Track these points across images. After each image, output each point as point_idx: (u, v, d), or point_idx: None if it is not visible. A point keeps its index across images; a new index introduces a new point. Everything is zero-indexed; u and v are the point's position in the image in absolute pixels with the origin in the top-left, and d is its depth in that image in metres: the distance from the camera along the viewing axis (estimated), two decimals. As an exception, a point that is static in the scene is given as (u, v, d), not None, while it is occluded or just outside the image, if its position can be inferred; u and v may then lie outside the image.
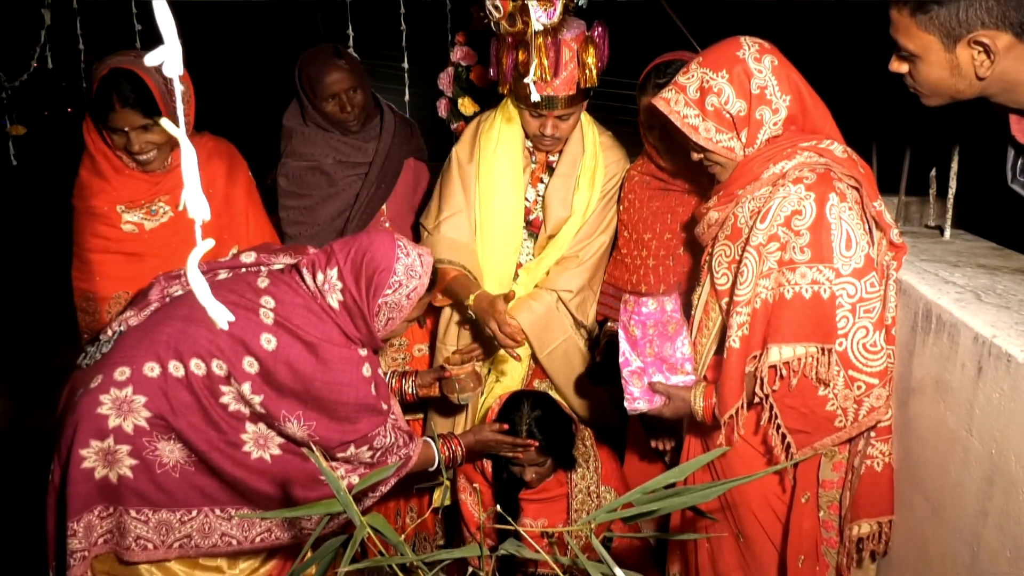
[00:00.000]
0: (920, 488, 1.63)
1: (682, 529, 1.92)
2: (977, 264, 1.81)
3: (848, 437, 1.64)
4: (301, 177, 2.51)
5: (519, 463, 2.19)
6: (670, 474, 1.01)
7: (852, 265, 1.52)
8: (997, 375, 1.32)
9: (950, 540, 1.49)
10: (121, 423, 1.68)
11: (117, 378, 1.70)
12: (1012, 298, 1.53)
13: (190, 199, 0.56)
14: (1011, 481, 1.29)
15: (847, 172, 1.58)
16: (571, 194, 2.32)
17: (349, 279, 1.78)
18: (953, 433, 1.47)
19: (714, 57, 1.64)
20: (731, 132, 1.64)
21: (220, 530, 1.80)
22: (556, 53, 2.09)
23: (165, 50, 0.53)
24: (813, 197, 1.53)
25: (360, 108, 2.47)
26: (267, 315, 1.75)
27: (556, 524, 2.28)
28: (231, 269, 1.89)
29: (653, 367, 1.77)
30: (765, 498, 1.76)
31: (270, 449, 1.79)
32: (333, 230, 2.54)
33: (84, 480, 1.69)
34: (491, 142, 2.31)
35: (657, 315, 1.81)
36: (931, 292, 1.60)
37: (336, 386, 1.77)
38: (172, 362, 1.70)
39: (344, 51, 2.48)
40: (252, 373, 1.72)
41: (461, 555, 1.02)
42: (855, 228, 1.53)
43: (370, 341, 1.85)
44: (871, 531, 1.73)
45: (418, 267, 1.82)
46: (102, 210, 2.16)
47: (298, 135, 2.51)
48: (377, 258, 1.78)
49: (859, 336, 1.53)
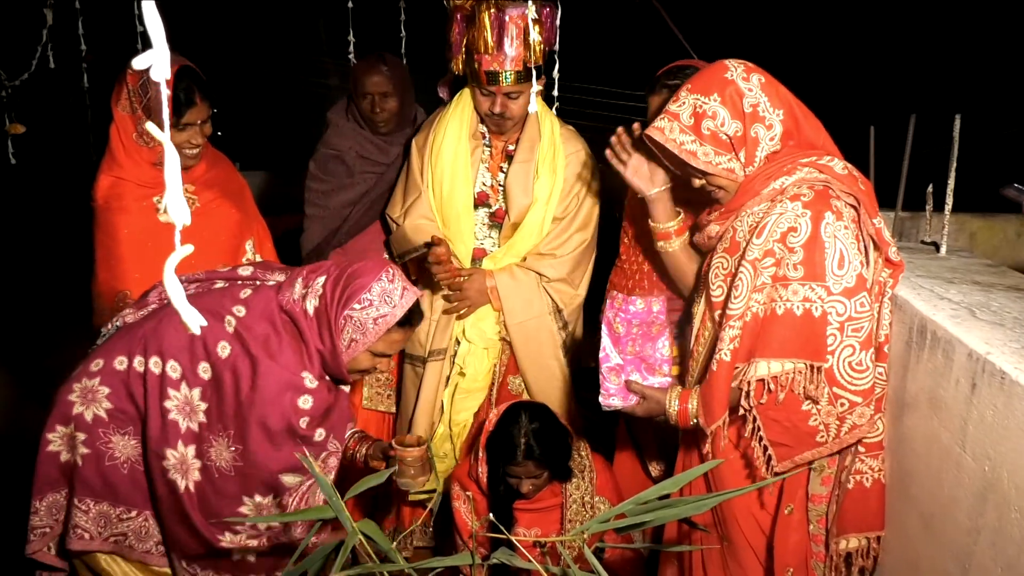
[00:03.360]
0: (913, 504, 1.63)
1: (676, 540, 1.92)
2: (972, 281, 1.81)
3: (829, 453, 1.64)
4: (325, 164, 2.73)
5: (516, 475, 2.18)
6: (664, 485, 1.01)
7: (843, 284, 1.52)
8: (991, 392, 1.32)
9: (942, 556, 1.49)
10: (83, 411, 1.74)
11: (91, 369, 1.76)
12: (1007, 315, 1.54)
13: (171, 204, 0.56)
14: (1004, 498, 1.29)
15: (847, 189, 1.59)
16: (531, 181, 2.38)
17: (329, 286, 1.77)
18: (946, 449, 1.48)
19: (703, 82, 1.65)
20: (730, 153, 1.64)
21: (156, 538, 1.82)
22: (501, 27, 2.19)
23: (153, 54, 0.53)
24: (809, 215, 1.54)
25: (390, 113, 2.64)
26: (230, 323, 1.75)
27: (550, 534, 2.28)
28: (228, 280, 1.90)
29: (632, 365, 1.78)
30: (749, 510, 1.76)
31: (186, 479, 1.75)
32: (340, 217, 2.71)
33: (49, 461, 1.76)
34: (443, 126, 2.42)
35: (643, 315, 1.82)
36: (926, 308, 1.60)
37: (263, 406, 1.73)
38: (137, 357, 1.75)
39: (391, 59, 2.67)
40: (204, 379, 1.74)
41: (453, 563, 1.02)
42: (849, 247, 1.54)
43: (334, 362, 1.79)
44: (859, 546, 1.74)
45: (395, 296, 1.77)
46: (139, 204, 2.11)
47: (333, 126, 2.74)
48: (359, 273, 1.78)
49: (845, 354, 1.54)
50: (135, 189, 2.10)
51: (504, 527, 2.16)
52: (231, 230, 2.28)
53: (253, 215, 2.41)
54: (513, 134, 2.41)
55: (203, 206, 2.22)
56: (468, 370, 2.48)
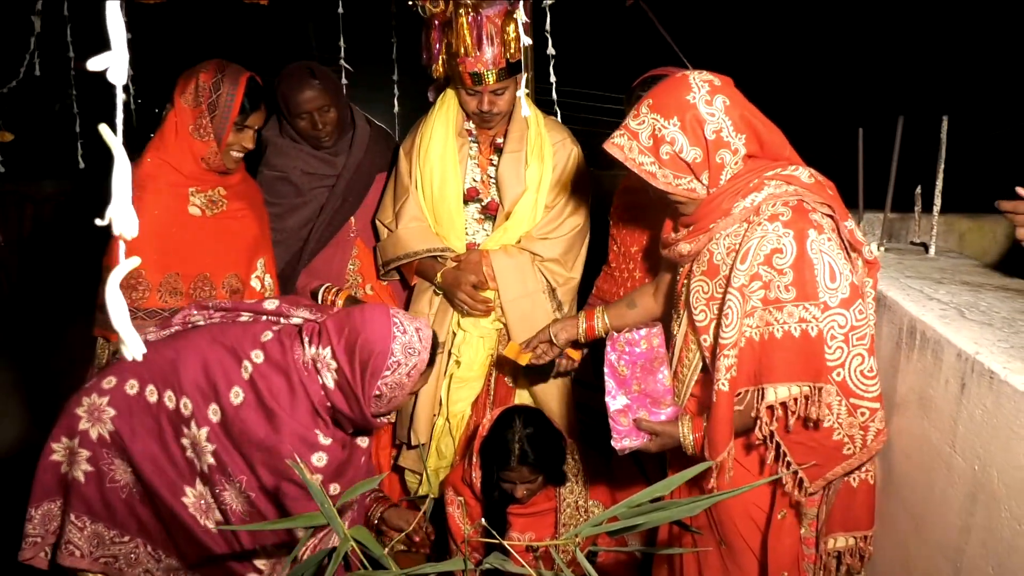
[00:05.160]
0: (903, 504, 1.63)
1: (669, 542, 1.92)
2: (961, 281, 1.82)
3: (859, 464, 1.63)
4: (272, 186, 2.59)
5: (511, 480, 2.18)
6: (655, 488, 1.01)
7: (839, 296, 1.52)
8: (980, 391, 1.33)
9: (933, 556, 1.50)
10: (88, 428, 1.72)
11: (103, 386, 1.74)
12: (995, 315, 1.55)
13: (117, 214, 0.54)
14: (993, 497, 1.29)
15: (818, 199, 1.57)
16: (523, 169, 2.42)
17: (343, 360, 1.70)
18: (936, 449, 1.48)
19: (663, 101, 1.59)
20: (689, 176, 1.61)
21: (145, 565, 1.80)
22: (479, 29, 2.22)
23: (111, 56, 0.52)
24: (792, 234, 1.53)
25: (332, 126, 2.53)
26: (247, 369, 1.73)
27: (544, 538, 2.28)
28: (253, 313, 1.87)
29: (637, 403, 1.77)
30: (747, 511, 1.76)
31: (207, 519, 1.75)
32: (299, 238, 2.62)
33: (50, 471, 1.75)
34: (428, 127, 2.46)
35: (647, 353, 1.80)
36: (915, 309, 1.61)
37: (275, 460, 1.71)
38: (150, 386, 1.73)
39: (319, 70, 2.53)
40: (214, 421, 1.72)
41: (446, 568, 1.02)
42: (837, 258, 1.53)
43: (362, 421, 1.77)
44: (847, 546, 1.74)
45: (416, 344, 1.73)
46: (174, 190, 2.16)
47: (272, 146, 2.61)
48: (372, 340, 1.69)
49: (855, 364, 1.53)
50: (174, 175, 2.16)
51: (498, 532, 2.16)
52: (249, 243, 2.30)
53: (267, 236, 2.45)
54: (500, 127, 2.46)
55: (230, 212, 2.26)
56: (463, 359, 2.50)
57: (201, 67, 2.14)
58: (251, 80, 2.17)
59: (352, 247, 2.69)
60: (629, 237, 2.34)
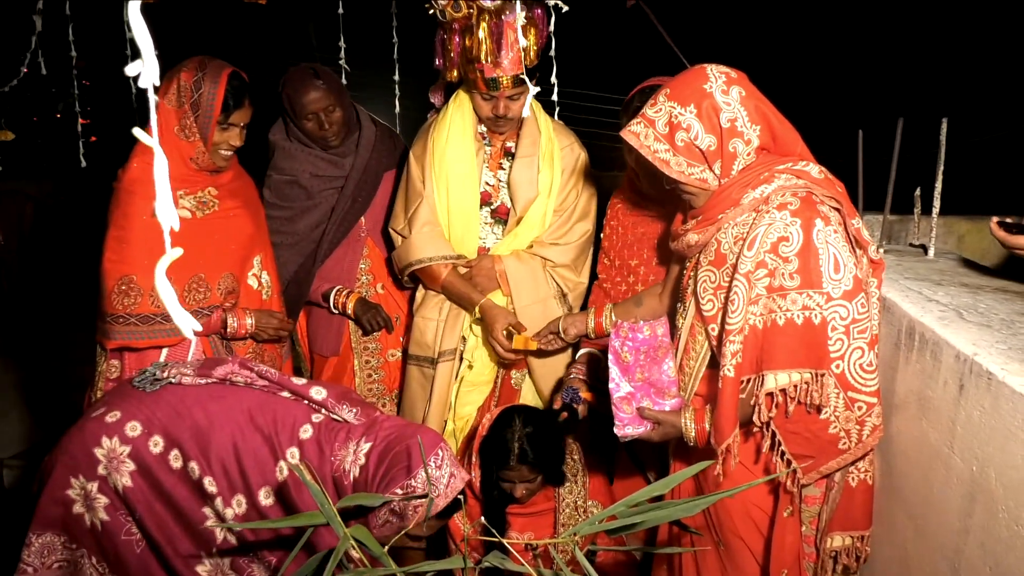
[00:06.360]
0: (902, 504, 1.64)
1: (668, 543, 1.92)
2: (960, 283, 1.83)
3: (853, 459, 1.64)
4: (281, 190, 2.61)
5: (510, 480, 2.18)
6: (654, 487, 1.01)
7: (842, 287, 1.53)
8: (978, 393, 1.34)
9: (932, 556, 1.50)
10: (106, 476, 1.69)
11: (126, 432, 1.70)
12: (994, 317, 1.55)
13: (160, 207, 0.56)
14: (992, 498, 1.30)
15: (827, 193, 1.59)
16: (536, 175, 2.42)
17: (373, 460, 1.69)
18: (935, 450, 1.49)
19: (681, 90, 1.62)
20: (703, 165, 1.64)
21: None
22: (500, 35, 2.22)
23: (142, 62, 0.53)
24: (799, 223, 1.54)
25: (339, 125, 2.55)
26: (282, 471, 1.70)
27: (543, 538, 2.28)
28: (296, 396, 1.82)
29: (641, 391, 1.77)
30: (747, 510, 1.77)
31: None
32: (311, 241, 2.64)
33: (60, 504, 1.69)
34: (443, 132, 2.43)
35: (650, 340, 1.81)
36: (914, 310, 1.61)
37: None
38: (174, 451, 1.70)
39: (322, 71, 2.53)
40: (238, 512, 1.71)
41: (445, 567, 1.02)
42: (842, 251, 1.54)
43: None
44: (844, 545, 1.74)
45: (441, 485, 1.69)
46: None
47: (280, 150, 2.62)
48: (407, 452, 1.67)
49: (855, 357, 1.54)
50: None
51: (497, 531, 2.16)
52: (243, 241, 2.29)
53: (264, 232, 2.44)
54: (511, 132, 2.46)
55: (222, 211, 2.24)
56: (476, 363, 2.51)
57: (183, 66, 2.11)
58: (233, 76, 2.13)
59: (363, 247, 2.71)
60: (626, 250, 2.36)
